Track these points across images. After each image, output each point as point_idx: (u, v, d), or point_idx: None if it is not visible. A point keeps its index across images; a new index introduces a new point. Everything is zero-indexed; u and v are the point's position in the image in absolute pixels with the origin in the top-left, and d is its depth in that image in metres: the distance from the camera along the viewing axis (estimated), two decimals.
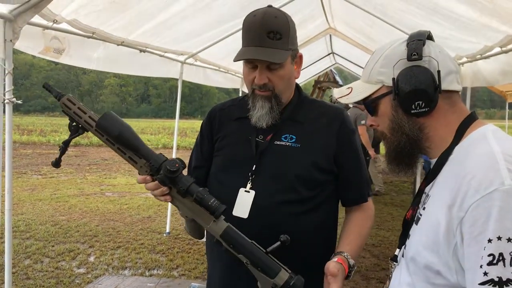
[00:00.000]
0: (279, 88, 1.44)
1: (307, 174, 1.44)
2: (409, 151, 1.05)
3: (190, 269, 4.56)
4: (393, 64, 1.03)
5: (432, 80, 0.98)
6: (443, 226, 0.90)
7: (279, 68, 1.41)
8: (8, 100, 2.37)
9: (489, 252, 0.82)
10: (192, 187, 1.26)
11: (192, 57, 5.20)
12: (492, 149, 0.91)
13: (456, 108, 1.03)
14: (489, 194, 0.84)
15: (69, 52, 3.07)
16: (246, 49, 1.40)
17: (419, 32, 1.04)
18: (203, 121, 1.67)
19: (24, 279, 4.25)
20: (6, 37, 2.30)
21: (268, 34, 1.37)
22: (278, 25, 1.38)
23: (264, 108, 1.44)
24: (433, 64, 1.00)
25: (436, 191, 0.99)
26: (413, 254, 1.00)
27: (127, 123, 1.31)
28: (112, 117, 1.29)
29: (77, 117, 1.29)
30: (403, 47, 1.03)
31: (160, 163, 1.27)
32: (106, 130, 1.28)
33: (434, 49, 1.02)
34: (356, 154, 1.54)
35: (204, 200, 1.25)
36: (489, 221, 0.83)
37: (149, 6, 3.42)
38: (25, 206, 7.14)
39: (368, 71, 1.09)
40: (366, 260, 4.92)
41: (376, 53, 1.09)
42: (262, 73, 1.41)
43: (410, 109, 1.01)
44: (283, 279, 1.24)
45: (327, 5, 5.75)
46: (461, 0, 2.89)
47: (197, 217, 1.30)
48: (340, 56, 10.91)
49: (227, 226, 1.28)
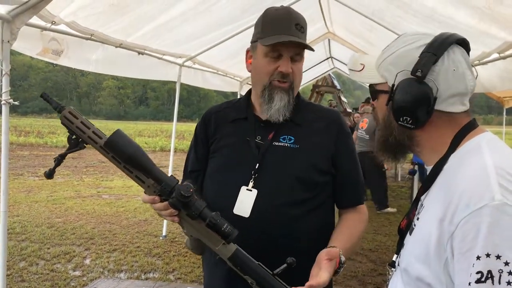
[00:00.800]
0: (297, 81, 1.47)
1: (307, 175, 1.44)
2: (396, 149, 1.05)
3: (186, 272, 4.54)
4: (400, 69, 0.98)
5: (426, 102, 0.95)
6: (434, 239, 0.88)
7: (300, 60, 1.44)
8: (5, 101, 2.36)
9: (478, 270, 0.79)
10: (205, 212, 1.23)
11: (191, 60, 5.20)
12: (484, 161, 0.89)
13: (452, 122, 0.99)
14: (479, 210, 0.82)
15: (68, 53, 3.06)
16: (276, 37, 1.39)
17: (443, 42, 0.96)
18: (198, 124, 1.65)
19: (19, 281, 4.22)
20: (4, 38, 2.30)
21: (296, 25, 1.40)
22: (302, 19, 1.44)
23: (283, 100, 1.44)
24: (434, 87, 0.95)
25: (429, 202, 0.98)
26: (406, 265, 0.99)
27: (136, 142, 1.27)
28: (122, 136, 1.24)
29: (79, 131, 1.22)
30: (417, 54, 0.96)
31: (173, 186, 1.23)
32: (118, 149, 1.23)
33: (448, 68, 0.95)
34: (352, 156, 1.55)
35: (217, 225, 1.23)
36: (478, 238, 0.80)
37: (148, 9, 3.42)
38: (21, 208, 7.11)
39: (381, 59, 1.05)
40: (363, 265, 4.91)
41: (397, 42, 1.04)
42: (287, 62, 1.42)
43: (398, 120, 0.99)
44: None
45: (326, 9, 5.77)
46: (459, 6, 2.90)
47: (204, 238, 1.28)
48: (339, 60, 10.93)
49: (236, 248, 1.27)
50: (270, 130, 1.48)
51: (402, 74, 0.98)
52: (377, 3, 4.21)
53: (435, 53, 0.95)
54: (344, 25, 6.42)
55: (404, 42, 1.01)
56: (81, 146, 1.25)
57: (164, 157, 15.66)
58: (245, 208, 1.41)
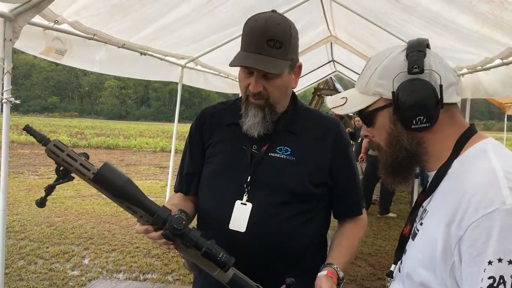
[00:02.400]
0: (274, 97, 1.39)
1: (302, 188, 1.41)
2: (407, 165, 1.03)
3: (185, 274, 4.53)
4: (393, 76, 0.98)
5: (433, 94, 0.95)
6: (440, 244, 0.87)
7: (276, 78, 1.36)
8: (6, 99, 2.36)
9: (490, 275, 0.79)
10: (200, 242, 1.22)
11: (193, 61, 5.20)
12: (492, 165, 0.88)
13: (455, 121, 1.00)
14: (489, 214, 0.81)
15: (71, 53, 3.06)
16: (243, 54, 1.34)
17: (419, 42, 1.00)
18: (192, 125, 1.60)
19: (17, 280, 4.21)
20: (6, 36, 2.29)
21: (268, 41, 1.31)
22: (279, 33, 1.32)
23: (257, 117, 1.39)
24: (434, 78, 0.96)
25: (434, 207, 0.97)
26: (409, 270, 0.98)
27: (125, 174, 1.24)
28: (111, 169, 1.21)
29: (66, 164, 1.19)
30: (401, 58, 0.99)
31: (165, 218, 1.22)
32: (106, 183, 1.20)
33: (435, 60, 0.99)
34: (350, 166, 1.52)
35: (213, 255, 1.22)
36: (489, 242, 0.80)
37: (151, 11, 3.42)
38: (20, 207, 7.10)
39: (365, 81, 1.04)
40: (362, 269, 4.90)
41: (372, 62, 1.05)
42: (257, 81, 1.35)
43: (411, 124, 0.97)
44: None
45: (329, 13, 5.77)
46: (463, 11, 2.89)
47: (201, 264, 1.28)
48: (340, 64, 10.94)
49: (233, 274, 1.26)
50: (266, 139, 1.44)
51: (398, 79, 0.98)
52: (381, 7, 4.21)
53: (420, 49, 0.98)
54: (347, 28, 6.43)
55: (379, 58, 1.03)
56: (70, 178, 1.22)
57: (165, 157, 15.67)
58: (241, 223, 1.38)
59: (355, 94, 1.07)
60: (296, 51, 1.43)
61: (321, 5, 5.34)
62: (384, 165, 1.06)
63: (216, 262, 1.22)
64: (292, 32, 1.37)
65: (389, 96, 0.99)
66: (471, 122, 1.05)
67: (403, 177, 1.06)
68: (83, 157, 1.20)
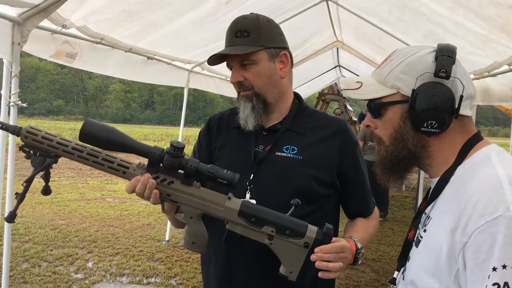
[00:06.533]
0: (258, 85, 1.41)
1: (308, 188, 1.40)
2: (406, 165, 1.02)
3: (188, 278, 4.52)
4: (418, 74, 0.96)
5: (452, 103, 0.94)
6: (445, 250, 0.87)
7: (252, 65, 1.40)
8: (13, 103, 2.37)
9: (494, 281, 0.78)
10: (201, 166, 1.20)
11: (199, 66, 5.22)
12: (496, 172, 0.88)
13: (464, 129, 0.99)
14: (494, 220, 0.80)
15: (82, 57, 3.08)
16: (219, 52, 1.41)
17: (449, 48, 0.98)
18: (202, 129, 1.64)
19: (21, 282, 4.22)
20: (14, 40, 2.31)
21: (236, 33, 1.39)
22: (246, 24, 1.40)
23: (247, 108, 1.42)
24: (456, 86, 0.95)
25: (438, 213, 0.96)
26: (413, 278, 0.97)
27: (108, 125, 1.21)
28: (94, 124, 1.18)
29: (47, 141, 1.17)
30: (430, 59, 0.97)
31: (162, 150, 1.20)
32: (93, 137, 1.16)
33: (460, 70, 0.97)
34: (359, 166, 1.51)
35: (218, 172, 1.19)
36: (494, 248, 0.79)
37: (158, 17, 3.44)
38: (25, 209, 7.12)
39: (385, 72, 1.02)
40: (366, 275, 4.87)
41: (396, 55, 1.03)
42: (235, 71, 1.42)
43: (421, 126, 0.96)
44: (313, 231, 1.21)
45: (335, 18, 5.77)
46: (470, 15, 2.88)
47: (207, 206, 1.22)
48: (347, 69, 10.93)
49: (242, 200, 1.23)
50: (271, 139, 1.45)
51: (422, 78, 0.96)
52: (389, 12, 4.21)
53: (450, 55, 0.96)
54: (353, 34, 6.43)
55: (406, 53, 1.01)
56: (49, 161, 1.20)
57: None
58: None
59: (372, 82, 1.05)
60: (274, 40, 1.44)
61: (327, 10, 5.35)
62: (383, 160, 1.05)
63: (224, 178, 1.19)
64: (261, 22, 1.42)
65: (407, 92, 0.98)
66: (476, 128, 1.04)
67: (399, 176, 1.05)
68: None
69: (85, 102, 74.66)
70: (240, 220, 1.21)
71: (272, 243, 1.21)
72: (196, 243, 1.26)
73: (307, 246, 1.20)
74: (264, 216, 1.21)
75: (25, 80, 63.68)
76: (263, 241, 1.21)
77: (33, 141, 1.18)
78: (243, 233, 1.22)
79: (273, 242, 1.21)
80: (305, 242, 1.20)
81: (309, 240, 1.20)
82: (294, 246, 1.20)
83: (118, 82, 68.92)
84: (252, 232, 1.22)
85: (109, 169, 1.21)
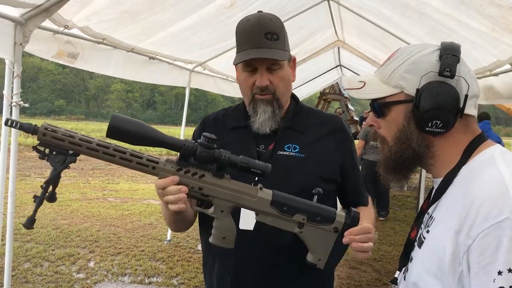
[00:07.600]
0: (280, 90, 1.41)
1: (312, 185, 1.39)
2: (410, 164, 1.01)
3: (190, 278, 4.52)
4: (422, 74, 0.95)
5: (456, 102, 0.93)
6: (448, 252, 0.86)
7: (279, 69, 1.39)
8: (15, 103, 2.38)
9: (499, 285, 0.78)
10: (234, 157, 1.17)
11: (201, 66, 5.23)
12: (501, 173, 0.87)
13: (468, 129, 0.98)
14: (499, 223, 0.80)
15: (84, 57, 3.08)
16: (245, 52, 1.36)
17: (453, 46, 0.96)
18: (195, 130, 1.63)
19: (23, 282, 4.23)
20: (16, 40, 2.32)
21: (266, 35, 1.35)
22: (274, 26, 1.37)
23: (267, 113, 1.41)
24: (461, 86, 0.94)
25: (441, 214, 0.95)
26: (416, 279, 0.96)
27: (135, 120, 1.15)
28: (122, 117, 1.12)
29: (69, 138, 1.10)
30: (434, 58, 0.96)
31: (194, 142, 1.16)
32: (124, 132, 1.09)
33: (465, 69, 0.96)
34: (355, 159, 1.57)
35: (251, 163, 1.17)
36: (499, 252, 0.79)
37: (161, 19, 3.44)
38: (27, 209, 7.13)
39: (389, 71, 1.01)
40: (367, 274, 4.87)
41: (400, 54, 1.01)
42: (263, 75, 1.38)
43: (425, 126, 0.95)
44: (342, 216, 1.22)
45: (337, 17, 5.76)
46: (473, 14, 2.87)
47: (240, 198, 1.19)
48: (348, 68, 10.91)
49: (272, 190, 1.22)
50: (272, 139, 1.45)
51: (426, 77, 0.95)
52: (390, 12, 4.20)
53: (455, 54, 0.95)
54: (355, 33, 6.42)
55: (410, 51, 1.00)
56: (69, 160, 1.13)
57: None
58: (250, 221, 1.38)
59: (375, 81, 1.04)
60: (288, 45, 1.46)
61: (329, 10, 5.34)
62: (386, 160, 1.04)
63: (258, 168, 1.17)
64: (283, 25, 1.42)
65: (411, 92, 0.97)
66: (482, 130, 1.03)
67: (403, 175, 1.05)
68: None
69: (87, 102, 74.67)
70: (273, 210, 1.20)
71: (302, 231, 1.21)
72: (226, 238, 1.23)
73: (337, 231, 1.22)
74: (295, 205, 1.21)
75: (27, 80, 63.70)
76: (293, 230, 1.21)
77: (53, 138, 1.10)
78: (274, 223, 1.21)
79: (303, 230, 1.21)
80: (335, 227, 1.22)
81: (339, 225, 1.22)
82: (324, 232, 1.21)
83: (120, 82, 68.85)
84: (283, 222, 1.21)
85: (138, 165, 1.15)
